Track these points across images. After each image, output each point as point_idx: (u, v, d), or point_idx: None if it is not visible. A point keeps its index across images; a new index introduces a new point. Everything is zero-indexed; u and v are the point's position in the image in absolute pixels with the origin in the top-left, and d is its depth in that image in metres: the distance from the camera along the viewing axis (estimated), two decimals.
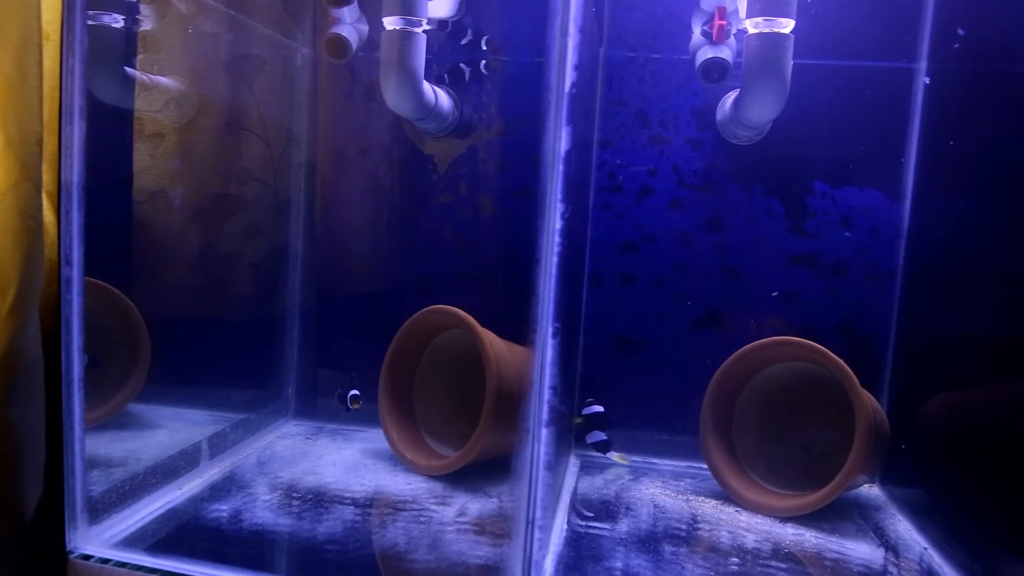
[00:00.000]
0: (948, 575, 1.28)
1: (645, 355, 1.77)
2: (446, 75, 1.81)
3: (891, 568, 1.29)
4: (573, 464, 1.72)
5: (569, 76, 0.91)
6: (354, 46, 1.61)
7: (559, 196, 0.91)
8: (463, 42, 1.79)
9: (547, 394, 0.94)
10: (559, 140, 0.91)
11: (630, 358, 1.77)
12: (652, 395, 1.76)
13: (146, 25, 1.49)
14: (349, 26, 1.60)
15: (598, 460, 1.74)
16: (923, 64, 1.65)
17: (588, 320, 1.78)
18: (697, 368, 1.64)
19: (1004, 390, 1.25)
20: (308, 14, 1.77)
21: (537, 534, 0.96)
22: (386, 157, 1.86)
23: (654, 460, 1.76)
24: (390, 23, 1.54)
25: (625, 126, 1.75)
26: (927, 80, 1.62)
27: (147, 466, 1.37)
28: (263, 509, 1.35)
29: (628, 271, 1.76)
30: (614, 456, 1.69)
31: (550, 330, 0.93)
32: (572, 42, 0.92)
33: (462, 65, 1.81)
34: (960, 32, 1.51)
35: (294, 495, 1.43)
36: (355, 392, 1.73)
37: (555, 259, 0.92)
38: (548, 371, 0.93)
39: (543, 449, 0.95)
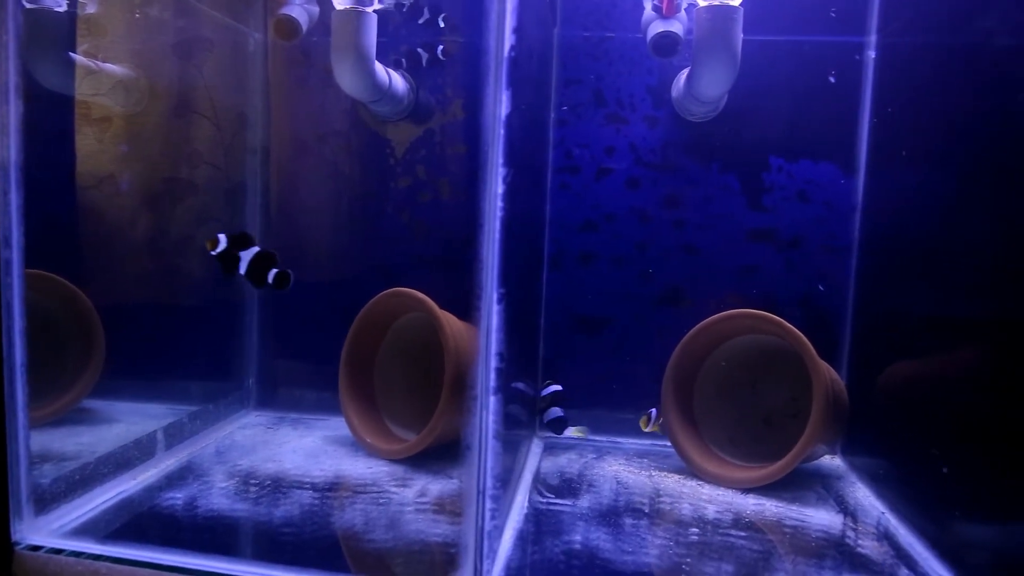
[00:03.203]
0: (903, 536, 1.29)
1: (608, 334, 1.77)
2: (403, 59, 1.79)
3: (849, 532, 1.30)
4: (537, 445, 1.71)
5: (508, 40, 0.90)
6: (304, 27, 1.58)
7: (500, 160, 0.91)
8: (420, 22, 1.78)
9: (494, 360, 0.93)
10: (499, 104, 0.90)
11: (593, 338, 1.77)
12: (615, 374, 1.76)
13: (90, 8, 1.46)
14: (299, 7, 1.58)
15: (563, 441, 1.73)
16: (873, 38, 1.66)
17: (549, 301, 1.77)
18: (660, 345, 1.64)
19: (953, 359, 1.27)
20: None
21: (488, 504, 0.96)
22: (343, 142, 1.84)
23: (619, 439, 1.76)
24: (340, 3, 1.53)
25: (581, 105, 1.74)
26: (873, 54, 1.64)
27: (98, 456, 1.34)
28: (219, 496, 1.33)
29: (588, 251, 1.76)
30: (572, 431, 1.68)
31: (495, 296, 0.92)
32: (510, 5, 0.91)
33: (419, 49, 1.79)
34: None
35: (252, 482, 1.40)
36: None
37: (498, 224, 0.91)
38: (495, 337, 0.93)
39: (491, 417, 0.94)
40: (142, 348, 1.61)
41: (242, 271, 1.31)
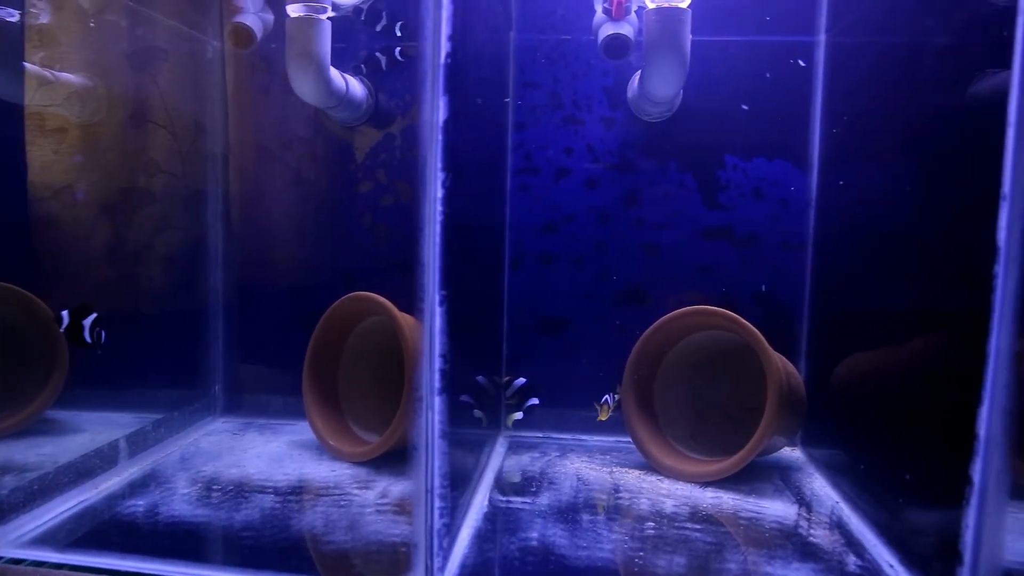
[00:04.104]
0: (855, 525, 1.32)
1: (569, 334, 1.79)
2: (362, 65, 1.80)
3: (802, 522, 1.33)
4: (501, 445, 1.73)
5: (444, 47, 0.92)
6: (259, 35, 1.60)
7: (439, 165, 0.92)
8: (378, 28, 1.79)
9: (438, 362, 0.94)
10: (436, 111, 0.92)
11: (555, 337, 1.79)
12: (578, 373, 1.78)
13: (43, 18, 1.47)
14: (253, 15, 1.59)
15: (527, 440, 1.75)
16: (822, 37, 1.69)
17: (511, 302, 1.79)
18: (621, 344, 1.66)
19: (901, 352, 1.30)
20: (214, 5, 1.75)
21: (437, 503, 0.97)
22: (303, 148, 1.85)
23: (582, 436, 1.78)
24: (294, 10, 1.54)
25: (539, 108, 1.76)
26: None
27: (59, 466, 1.35)
28: (181, 502, 1.34)
29: (549, 251, 1.78)
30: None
31: (437, 298, 0.94)
32: (446, 13, 0.93)
33: (377, 54, 1.80)
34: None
35: (215, 487, 1.41)
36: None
37: (438, 227, 0.93)
38: (438, 339, 0.94)
39: (437, 417, 0.96)
40: (106, 358, 1.62)
41: (88, 339, 1.41)
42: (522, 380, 1.69)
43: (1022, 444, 1.45)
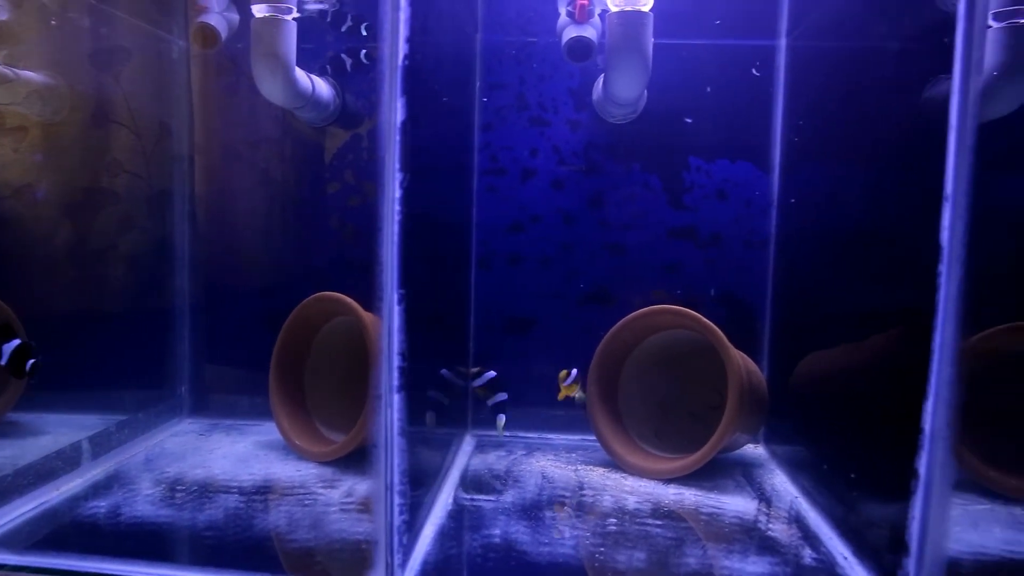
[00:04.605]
0: (812, 519, 1.34)
1: (536, 333, 1.80)
2: (328, 66, 1.81)
3: (761, 517, 1.35)
4: (468, 444, 1.74)
5: (401, 49, 0.93)
6: (224, 35, 1.59)
7: (397, 165, 0.93)
8: (343, 29, 1.79)
9: (396, 360, 0.95)
10: (394, 112, 0.93)
11: (522, 337, 1.80)
12: (545, 372, 1.79)
13: (3, 16, 1.45)
14: (218, 15, 1.59)
15: (494, 438, 1.77)
16: (783, 41, 1.72)
17: (479, 302, 1.80)
18: (588, 343, 1.67)
19: (857, 350, 1.33)
20: (179, 4, 1.75)
21: (397, 500, 0.98)
22: (271, 148, 1.85)
23: (549, 435, 1.80)
24: (259, 10, 1.54)
25: (505, 109, 1.78)
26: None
27: (18, 468, 1.33)
28: (144, 503, 1.33)
29: (516, 251, 1.79)
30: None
31: (395, 297, 0.95)
32: (403, 15, 0.93)
33: (343, 55, 1.81)
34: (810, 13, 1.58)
35: (179, 488, 1.41)
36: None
37: (396, 227, 0.94)
38: (396, 337, 0.95)
39: (396, 415, 0.96)
40: (69, 359, 1.60)
41: (2, 362, 1.39)
42: (492, 373, 1.69)
43: (976, 440, 1.49)
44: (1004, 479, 1.44)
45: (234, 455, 1.62)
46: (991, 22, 1.44)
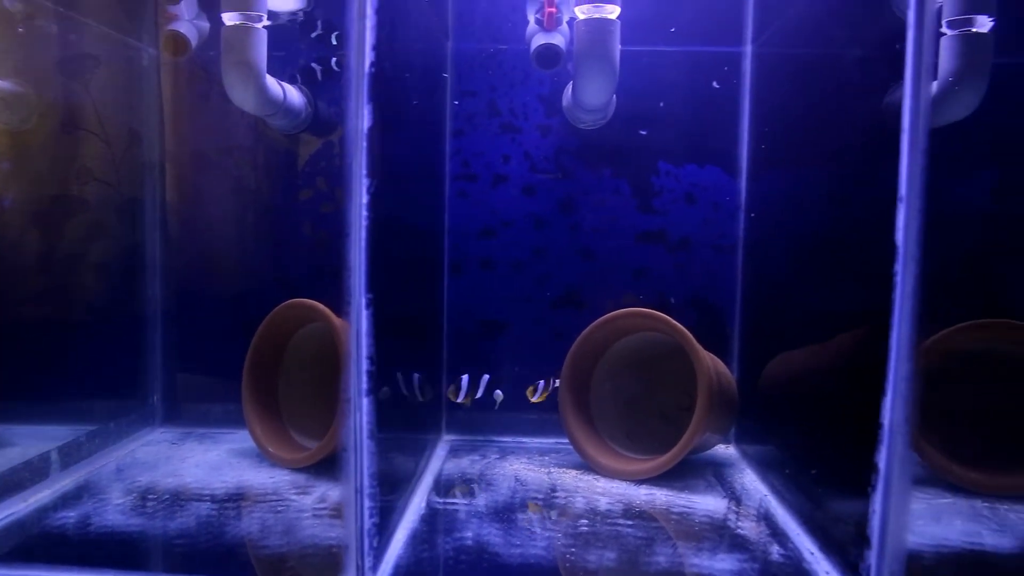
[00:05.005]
0: (781, 516, 1.37)
1: (509, 337, 1.81)
2: (299, 73, 1.81)
3: (731, 515, 1.37)
4: (442, 448, 1.75)
5: (367, 56, 0.94)
6: (194, 43, 1.59)
7: (364, 171, 0.94)
8: (313, 36, 1.80)
9: (364, 364, 0.96)
10: (360, 118, 0.94)
11: (494, 341, 1.82)
12: (518, 376, 1.81)
13: None
14: (188, 23, 1.59)
15: (468, 442, 1.78)
16: (748, 48, 1.76)
17: (452, 306, 1.81)
18: (560, 347, 1.69)
19: (824, 349, 1.35)
20: (148, 12, 1.75)
21: (367, 503, 0.99)
22: (243, 156, 1.85)
23: (523, 439, 1.81)
24: (229, 19, 1.54)
25: (477, 116, 1.79)
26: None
27: None
28: (114, 512, 1.32)
29: (487, 257, 1.81)
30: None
31: (363, 301, 0.96)
32: (369, 23, 0.95)
33: (313, 64, 1.81)
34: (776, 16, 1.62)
35: (150, 497, 1.40)
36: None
37: (364, 232, 0.95)
38: (364, 341, 0.96)
39: (365, 418, 0.97)
40: (38, 369, 1.59)
41: None
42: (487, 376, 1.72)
43: (940, 436, 1.53)
44: (966, 473, 1.47)
45: (207, 463, 1.61)
46: (946, 30, 1.48)
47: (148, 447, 1.73)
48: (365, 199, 0.94)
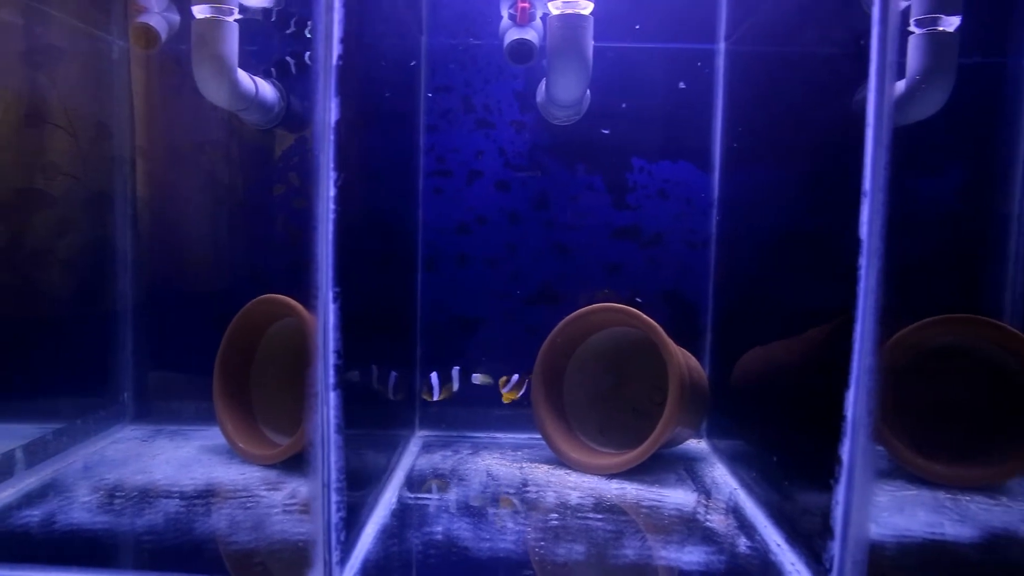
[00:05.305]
0: (749, 509, 1.38)
1: (483, 333, 1.82)
2: (273, 68, 1.80)
3: (700, 508, 1.38)
4: (415, 444, 1.75)
5: (335, 50, 0.94)
6: (164, 36, 1.58)
7: (331, 165, 0.94)
8: (287, 32, 1.79)
9: (331, 358, 0.96)
10: (328, 112, 0.93)
11: (469, 337, 1.82)
12: (493, 371, 1.80)
13: None
14: (158, 15, 1.57)
15: (441, 438, 1.78)
16: (722, 45, 1.77)
17: (426, 302, 1.81)
18: (534, 342, 1.69)
19: (793, 344, 1.36)
20: (117, 4, 1.72)
21: (334, 497, 0.99)
22: (216, 150, 1.83)
23: (497, 434, 1.81)
24: (199, 11, 1.53)
25: (451, 111, 1.79)
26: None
27: None
28: (80, 510, 1.31)
29: (462, 252, 1.80)
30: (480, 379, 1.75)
31: (330, 295, 0.95)
32: (337, 16, 0.94)
33: (287, 58, 1.80)
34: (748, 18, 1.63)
35: (118, 494, 1.39)
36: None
37: (331, 226, 0.95)
38: (331, 335, 0.96)
39: (332, 412, 0.97)
40: (2, 366, 1.57)
41: None
42: (435, 376, 1.71)
43: (906, 429, 1.55)
44: (930, 466, 1.49)
45: (177, 460, 1.60)
46: (914, 28, 1.50)
47: (117, 445, 1.71)
48: (332, 192, 0.94)
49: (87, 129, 1.71)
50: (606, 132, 1.71)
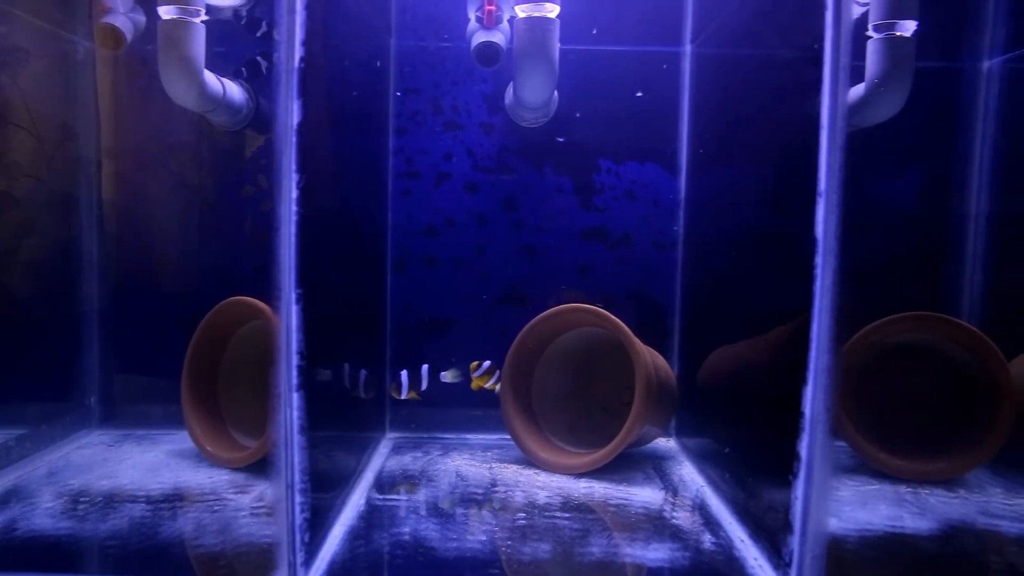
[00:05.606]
0: (715, 506, 1.40)
1: (453, 334, 1.82)
2: (243, 68, 1.79)
3: (667, 506, 1.40)
4: (384, 446, 1.75)
5: (297, 51, 0.94)
6: (129, 36, 1.57)
7: (294, 167, 0.94)
8: (258, 34, 1.78)
9: (294, 359, 0.96)
10: (290, 114, 0.94)
11: (438, 339, 1.82)
12: (463, 373, 1.81)
13: None
14: (123, 16, 1.56)
15: (411, 440, 1.78)
16: (688, 48, 1.79)
17: (395, 304, 1.81)
18: (504, 343, 1.70)
19: (758, 343, 1.39)
20: (81, 4, 1.71)
21: (298, 498, 0.99)
22: (183, 152, 1.82)
23: (467, 435, 1.82)
24: (166, 12, 1.52)
25: (420, 113, 1.80)
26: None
27: None
28: (43, 516, 1.29)
29: (431, 254, 1.81)
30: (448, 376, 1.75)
31: (293, 296, 0.95)
32: (299, 19, 0.95)
33: (258, 58, 1.79)
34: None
35: (82, 500, 1.37)
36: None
37: (294, 227, 0.95)
38: (294, 336, 0.96)
39: (296, 414, 0.97)
40: None
41: None
42: (405, 374, 1.72)
43: (868, 425, 1.58)
44: (892, 460, 1.53)
45: (144, 465, 1.59)
46: (872, 33, 1.53)
47: (83, 450, 1.70)
48: (295, 194, 0.94)
49: (51, 130, 1.69)
50: (560, 140, 1.73)
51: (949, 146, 1.75)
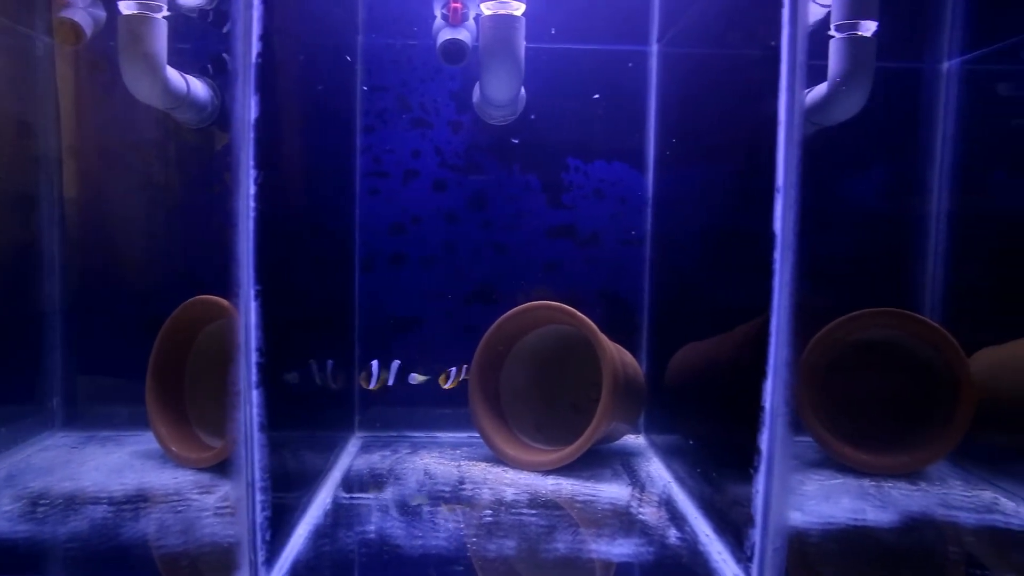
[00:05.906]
0: (682, 502, 1.41)
1: (421, 333, 1.82)
2: (209, 65, 1.77)
3: (634, 502, 1.41)
4: (353, 445, 1.74)
5: (254, 47, 0.93)
6: (88, 31, 1.54)
7: (251, 163, 0.93)
8: (225, 30, 1.76)
9: (254, 356, 0.95)
10: (247, 109, 0.93)
11: (407, 337, 1.81)
12: (432, 371, 1.81)
13: None
14: (82, 10, 1.54)
15: (379, 438, 1.77)
16: (654, 47, 1.80)
17: (363, 302, 1.80)
18: (472, 341, 1.70)
19: (723, 340, 1.40)
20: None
21: (258, 496, 0.98)
22: (147, 149, 1.80)
23: (436, 434, 1.82)
24: (126, 7, 1.50)
25: (387, 111, 1.79)
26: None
27: None
28: (0, 520, 1.27)
29: (399, 252, 1.80)
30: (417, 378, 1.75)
31: (251, 292, 0.95)
32: (256, 14, 0.94)
33: (224, 55, 1.78)
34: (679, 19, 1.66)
35: (42, 502, 1.35)
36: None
37: (251, 224, 0.94)
38: (253, 333, 0.95)
39: (255, 411, 0.96)
40: None
41: None
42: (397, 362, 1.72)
43: (834, 421, 1.60)
44: (856, 455, 1.55)
45: (107, 466, 1.56)
46: (834, 33, 1.55)
47: (45, 452, 1.67)
48: (252, 190, 0.93)
49: (8, 128, 1.66)
50: (515, 141, 1.74)
51: (910, 145, 1.78)
